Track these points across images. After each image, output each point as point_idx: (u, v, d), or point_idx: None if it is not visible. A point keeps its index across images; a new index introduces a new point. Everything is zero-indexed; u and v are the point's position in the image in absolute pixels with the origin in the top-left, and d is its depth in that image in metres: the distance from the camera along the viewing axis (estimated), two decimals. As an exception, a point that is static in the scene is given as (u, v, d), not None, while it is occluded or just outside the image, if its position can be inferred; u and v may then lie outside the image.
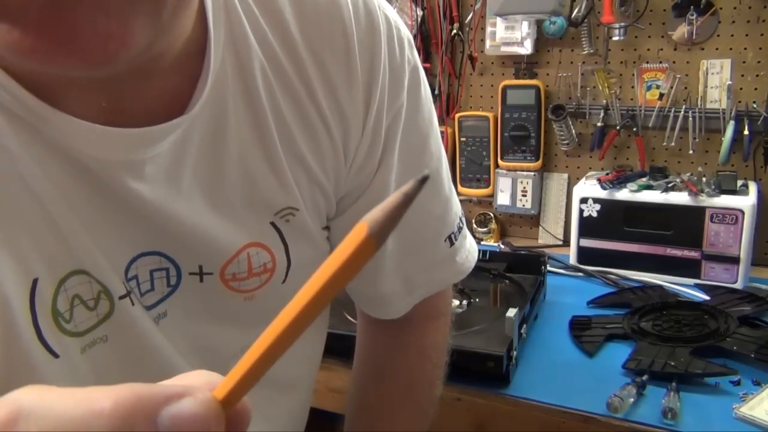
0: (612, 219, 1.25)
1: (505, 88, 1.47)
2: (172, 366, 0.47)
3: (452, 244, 0.63)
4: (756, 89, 1.28)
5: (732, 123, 1.28)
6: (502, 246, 1.46)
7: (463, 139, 1.55)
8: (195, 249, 0.46)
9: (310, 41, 0.48)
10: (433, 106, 0.59)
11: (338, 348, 0.76)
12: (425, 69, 1.52)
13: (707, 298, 1.12)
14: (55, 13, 0.29)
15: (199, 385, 0.24)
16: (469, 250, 0.67)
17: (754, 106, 1.27)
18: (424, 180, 0.21)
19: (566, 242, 1.45)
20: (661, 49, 1.34)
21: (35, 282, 0.39)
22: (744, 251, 1.15)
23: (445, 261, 0.64)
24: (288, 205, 0.49)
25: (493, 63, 1.51)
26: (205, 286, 0.47)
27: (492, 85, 1.52)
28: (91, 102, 0.38)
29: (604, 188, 1.25)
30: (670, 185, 1.23)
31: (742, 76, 1.28)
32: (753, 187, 1.21)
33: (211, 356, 0.49)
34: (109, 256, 0.42)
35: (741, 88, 1.29)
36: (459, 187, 1.58)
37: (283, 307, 0.25)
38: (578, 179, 1.36)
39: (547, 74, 1.46)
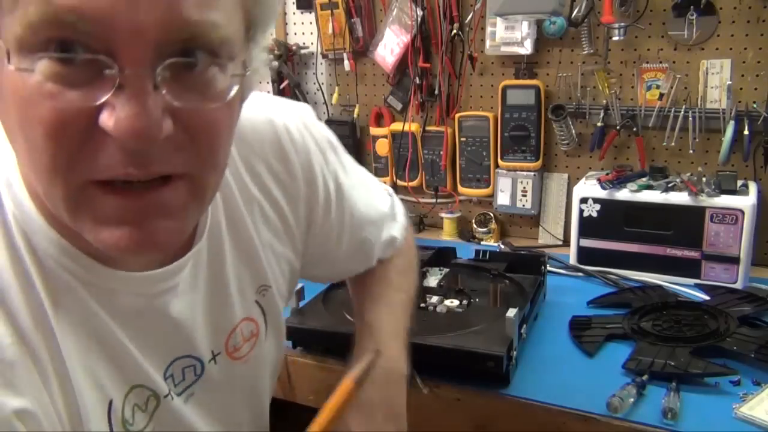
0: (612, 219, 1.25)
1: (505, 88, 1.48)
2: None
3: (393, 212, 0.85)
4: (756, 89, 1.28)
5: (732, 123, 1.28)
6: (502, 246, 1.46)
7: (463, 139, 1.55)
8: (211, 342, 0.62)
9: (269, 168, 0.67)
10: (342, 148, 0.76)
11: (338, 348, 0.76)
12: (425, 69, 1.54)
13: (707, 298, 1.12)
14: (142, 223, 0.44)
15: None
16: (398, 204, 0.88)
17: (754, 106, 1.27)
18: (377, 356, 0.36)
19: (566, 242, 1.45)
20: (661, 49, 1.34)
21: (111, 402, 0.52)
22: (744, 251, 1.15)
23: (387, 226, 0.83)
24: (263, 284, 0.67)
25: (493, 63, 1.51)
26: (219, 366, 0.63)
27: (492, 85, 1.52)
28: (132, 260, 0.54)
29: (604, 188, 1.25)
30: (670, 185, 1.23)
31: (742, 76, 1.29)
32: (753, 187, 1.21)
33: (226, 420, 0.65)
34: (155, 367, 0.56)
35: (741, 88, 1.29)
36: (459, 187, 1.58)
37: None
38: (578, 179, 1.36)
39: (547, 74, 1.46)
